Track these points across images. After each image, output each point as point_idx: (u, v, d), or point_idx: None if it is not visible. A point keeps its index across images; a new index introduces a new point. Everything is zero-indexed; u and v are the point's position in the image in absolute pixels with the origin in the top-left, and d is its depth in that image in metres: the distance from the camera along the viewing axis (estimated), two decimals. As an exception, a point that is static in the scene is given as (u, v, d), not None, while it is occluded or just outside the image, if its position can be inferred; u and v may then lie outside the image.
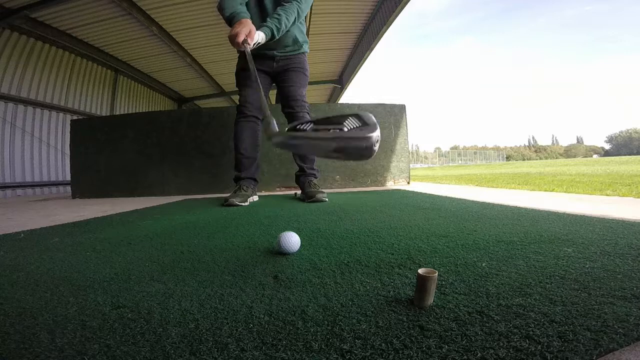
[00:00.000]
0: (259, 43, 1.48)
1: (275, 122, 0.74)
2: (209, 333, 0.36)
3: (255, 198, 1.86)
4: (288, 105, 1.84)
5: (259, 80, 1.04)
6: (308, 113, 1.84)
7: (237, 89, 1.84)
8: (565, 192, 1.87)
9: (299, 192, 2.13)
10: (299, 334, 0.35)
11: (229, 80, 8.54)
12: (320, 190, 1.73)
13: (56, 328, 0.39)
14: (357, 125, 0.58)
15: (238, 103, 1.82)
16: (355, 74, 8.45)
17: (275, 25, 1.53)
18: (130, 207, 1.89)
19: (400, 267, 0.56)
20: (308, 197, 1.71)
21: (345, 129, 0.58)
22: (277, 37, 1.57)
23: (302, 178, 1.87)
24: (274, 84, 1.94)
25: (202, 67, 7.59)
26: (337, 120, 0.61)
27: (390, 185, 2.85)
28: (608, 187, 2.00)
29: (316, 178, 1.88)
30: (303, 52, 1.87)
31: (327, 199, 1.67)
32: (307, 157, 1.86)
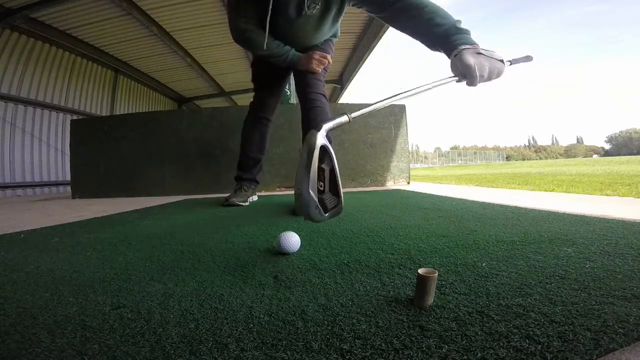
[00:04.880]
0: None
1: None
2: (209, 333, 0.36)
3: (255, 198, 1.86)
4: (297, 87, 1.62)
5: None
6: (323, 95, 1.57)
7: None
8: (565, 192, 1.86)
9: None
10: (299, 334, 0.35)
11: (229, 80, 8.54)
12: None
13: (56, 328, 0.39)
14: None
15: (252, 101, 1.75)
16: (355, 74, 8.44)
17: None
18: (130, 207, 1.89)
19: (400, 267, 0.56)
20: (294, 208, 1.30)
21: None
22: None
23: None
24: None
25: (202, 67, 7.59)
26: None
27: (390, 185, 2.85)
28: (608, 187, 2.00)
29: None
30: (328, 40, 1.64)
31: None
32: None
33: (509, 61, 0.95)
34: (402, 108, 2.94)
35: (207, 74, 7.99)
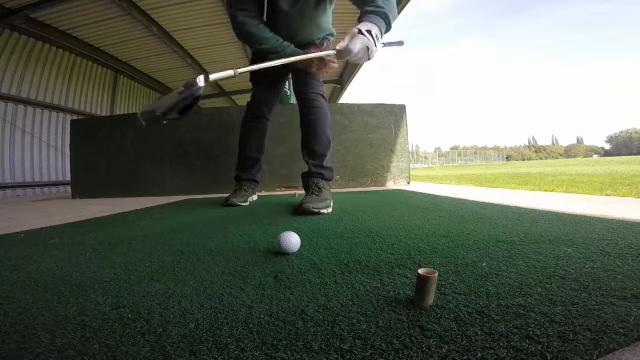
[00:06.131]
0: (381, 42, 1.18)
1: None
2: (209, 333, 0.36)
3: (255, 197, 1.86)
4: (295, 87, 1.63)
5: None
6: (321, 95, 1.57)
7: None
8: (565, 192, 1.86)
9: (298, 192, 2.13)
10: (299, 334, 0.35)
11: (228, 80, 8.52)
12: (320, 197, 1.35)
13: (56, 328, 0.39)
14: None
15: (250, 100, 1.74)
16: (355, 74, 8.45)
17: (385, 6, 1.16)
18: (130, 207, 1.89)
19: (400, 267, 0.56)
20: (297, 206, 1.31)
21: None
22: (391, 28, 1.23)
23: (305, 179, 1.54)
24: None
25: (202, 67, 7.58)
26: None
27: (390, 185, 2.85)
28: (608, 187, 2.00)
29: (324, 179, 1.50)
30: (325, 38, 1.64)
31: (319, 210, 1.25)
32: (315, 150, 1.53)
33: (382, 43, 1.17)
34: (402, 108, 2.94)
35: (207, 74, 7.98)
